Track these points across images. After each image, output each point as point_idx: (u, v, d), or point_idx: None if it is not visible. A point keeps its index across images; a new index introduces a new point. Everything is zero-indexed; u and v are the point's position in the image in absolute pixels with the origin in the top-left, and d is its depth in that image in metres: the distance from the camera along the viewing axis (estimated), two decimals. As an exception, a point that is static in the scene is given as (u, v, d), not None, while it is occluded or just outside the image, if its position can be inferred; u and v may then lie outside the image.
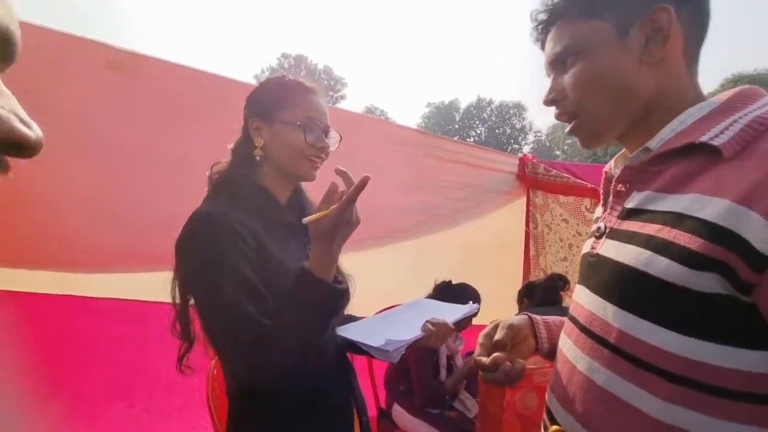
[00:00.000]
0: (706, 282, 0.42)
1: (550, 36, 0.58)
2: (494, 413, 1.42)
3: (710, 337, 0.42)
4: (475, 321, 2.05)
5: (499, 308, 2.50)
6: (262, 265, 0.73)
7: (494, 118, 38.44)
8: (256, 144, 0.83)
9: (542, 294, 1.89)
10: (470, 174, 2.23)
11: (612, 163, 0.63)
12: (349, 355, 0.93)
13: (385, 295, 1.77)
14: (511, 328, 0.66)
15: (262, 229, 0.77)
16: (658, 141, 0.51)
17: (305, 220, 0.71)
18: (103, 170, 1.37)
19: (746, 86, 0.50)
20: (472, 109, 38.64)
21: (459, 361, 2.06)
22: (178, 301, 0.79)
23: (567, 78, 0.56)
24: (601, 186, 0.63)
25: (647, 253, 0.46)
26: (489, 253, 2.51)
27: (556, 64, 0.58)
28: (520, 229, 2.55)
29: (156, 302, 1.62)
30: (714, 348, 0.42)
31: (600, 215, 0.63)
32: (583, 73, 0.55)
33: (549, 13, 0.57)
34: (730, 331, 0.42)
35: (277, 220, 0.82)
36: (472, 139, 37.75)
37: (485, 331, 0.69)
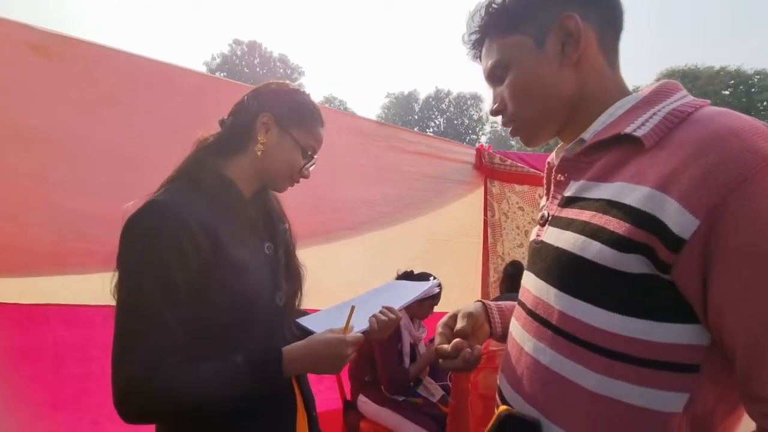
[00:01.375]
0: (633, 263, 0.45)
1: (483, 53, 0.64)
2: (465, 389, 1.53)
3: (638, 314, 0.45)
4: (437, 308, 2.10)
5: (460, 294, 2.58)
6: (214, 267, 0.70)
7: (452, 109, 39.15)
8: (259, 139, 0.80)
9: (508, 283, 1.98)
10: (430, 165, 2.26)
11: (553, 154, 0.67)
12: None
13: (349, 286, 1.76)
14: (470, 316, 0.69)
15: (221, 222, 0.73)
16: (590, 133, 0.55)
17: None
18: (31, 163, 1.25)
19: (666, 81, 0.54)
20: (431, 100, 39.07)
21: (422, 348, 2.11)
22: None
23: (503, 90, 0.62)
24: (544, 177, 0.67)
25: (582, 238, 0.50)
26: (450, 242, 2.57)
27: (492, 78, 0.63)
28: (479, 217, 2.63)
29: (100, 306, 1.52)
30: (642, 324, 0.45)
31: (544, 204, 0.66)
32: (513, 83, 0.60)
33: (478, 33, 0.63)
34: (655, 308, 0.45)
35: (239, 214, 0.79)
36: (431, 130, 38.28)
37: (443, 320, 0.71)
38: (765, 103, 24.34)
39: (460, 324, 0.67)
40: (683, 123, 0.47)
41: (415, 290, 1.03)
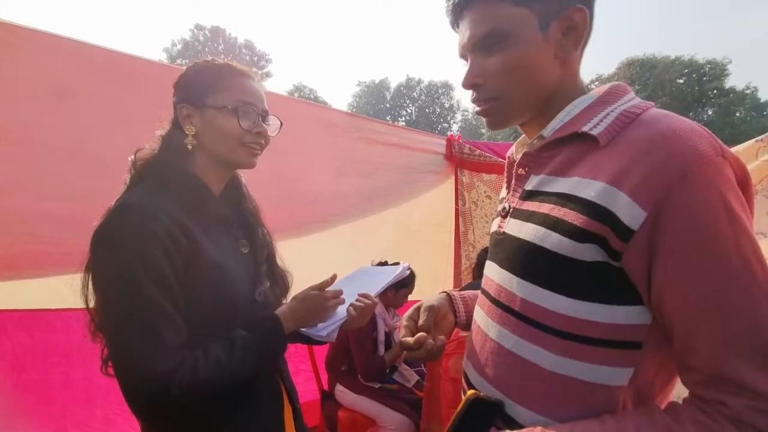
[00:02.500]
0: (588, 252, 0.49)
1: (470, 17, 0.57)
2: (438, 372, 1.60)
3: (592, 298, 0.49)
4: (410, 297, 2.14)
5: (434, 283, 2.64)
6: (194, 265, 0.69)
7: (424, 98, 39.17)
8: (187, 132, 0.77)
9: (478, 270, 2.04)
10: (402, 156, 2.28)
11: (513, 149, 0.69)
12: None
13: (323, 279, 1.77)
14: (431, 309, 0.71)
15: (193, 220, 0.72)
16: (550, 130, 0.58)
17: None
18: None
19: (617, 83, 0.58)
20: (402, 88, 38.90)
21: (397, 336, 2.15)
22: (92, 304, 0.71)
23: (491, 62, 0.56)
24: (505, 169, 0.69)
25: (542, 230, 0.53)
26: (422, 231, 2.61)
27: (479, 46, 0.57)
28: (450, 206, 2.68)
29: (60, 310, 1.45)
30: (595, 307, 0.49)
31: (504, 196, 0.69)
32: (509, 60, 0.55)
33: None
34: (606, 292, 0.49)
35: (211, 213, 0.78)
36: (403, 119, 38.22)
37: (408, 313, 0.73)
38: (715, 91, 25.84)
39: (422, 319, 0.70)
40: (633, 123, 0.50)
41: (388, 275, 1.05)
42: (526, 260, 0.55)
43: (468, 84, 0.59)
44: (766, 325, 0.42)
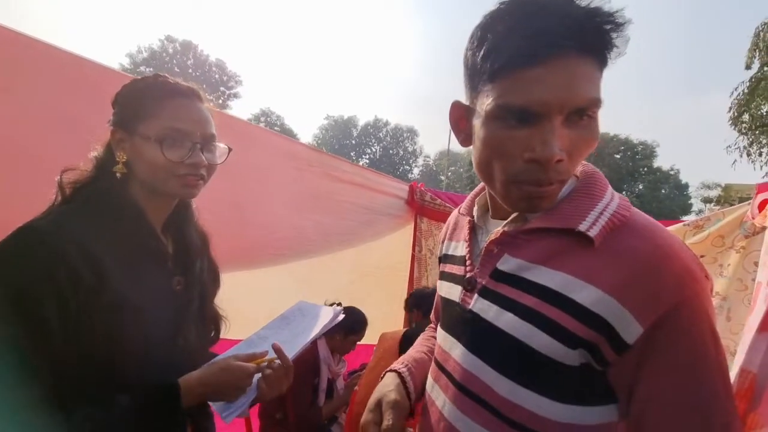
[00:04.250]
0: (576, 357, 0.48)
1: (577, 68, 0.45)
2: None
3: (576, 402, 0.49)
4: (362, 341, 2.07)
5: (385, 326, 2.57)
6: (98, 304, 0.62)
7: (389, 139, 40.48)
8: (118, 159, 0.70)
9: (430, 304, 1.99)
10: (365, 196, 2.28)
11: (475, 210, 0.66)
12: None
13: (272, 316, 1.67)
14: (396, 406, 0.64)
15: (116, 253, 0.65)
16: (534, 214, 0.55)
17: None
18: None
19: (593, 171, 0.58)
20: (369, 127, 40.05)
21: (341, 383, 2.04)
22: None
23: (575, 136, 0.48)
24: (465, 231, 0.65)
25: (528, 326, 0.51)
26: (377, 274, 2.58)
27: (574, 114, 0.46)
28: (406, 251, 2.69)
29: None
30: (579, 410, 0.49)
31: (458, 254, 0.65)
32: (591, 138, 0.48)
33: (591, 34, 0.44)
34: (589, 395, 0.49)
35: (142, 243, 0.71)
36: (367, 157, 39.01)
37: (367, 416, 0.65)
38: (645, 169, 29.14)
39: (387, 421, 0.62)
40: (623, 227, 0.50)
41: (322, 320, 1.00)
42: (507, 355, 0.53)
43: (555, 157, 0.46)
44: None
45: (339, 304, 1.88)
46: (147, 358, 0.67)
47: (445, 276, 0.70)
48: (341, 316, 1.04)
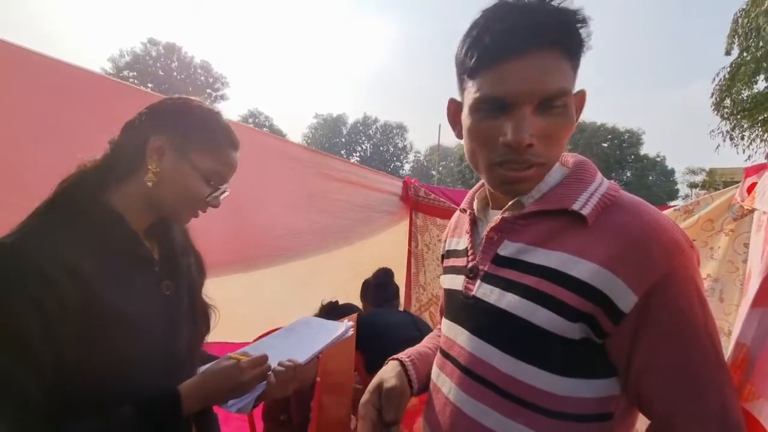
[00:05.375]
0: (577, 330, 0.50)
1: (538, 63, 0.50)
2: None
3: (576, 375, 0.51)
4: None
5: (382, 324, 2.59)
6: (88, 317, 0.61)
7: (379, 136, 40.48)
8: (150, 167, 0.69)
9: (373, 293, 1.97)
10: (359, 194, 2.28)
11: (475, 204, 0.68)
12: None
13: (269, 318, 1.66)
14: (394, 393, 0.65)
15: (101, 263, 0.64)
16: (530, 198, 0.59)
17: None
18: None
19: (584, 160, 0.61)
20: (359, 125, 39.99)
21: (343, 382, 2.05)
22: None
23: (546, 124, 0.52)
24: (466, 224, 0.67)
25: (529, 303, 0.53)
26: (374, 271, 2.59)
27: (544, 105, 0.51)
28: (403, 247, 2.71)
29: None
30: (579, 383, 0.51)
31: (460, 248, 0.67)
32: (562, 123, 0.52)
33: (556, 31, 0.50)
34: (588, 368, 0.51)
35: (127, 251, 0.70)
36: (358, 154, 38.95)
37: (366, 398, 0.66)
38: (632, 157, 29.57)
39: (387, 409, 0.63)
40: (613, 206, 0.53)
41: (330, 333, 0.99)
42: (510, 333, 0.54)
43: (524, 141, 0.51)
44: (731, 405, 0.46)
45: (336, 303, 1.89)
46: (145, 368, 0.66)
47: (448, 270, 0.72)
48: (351, 332, 1.03)
